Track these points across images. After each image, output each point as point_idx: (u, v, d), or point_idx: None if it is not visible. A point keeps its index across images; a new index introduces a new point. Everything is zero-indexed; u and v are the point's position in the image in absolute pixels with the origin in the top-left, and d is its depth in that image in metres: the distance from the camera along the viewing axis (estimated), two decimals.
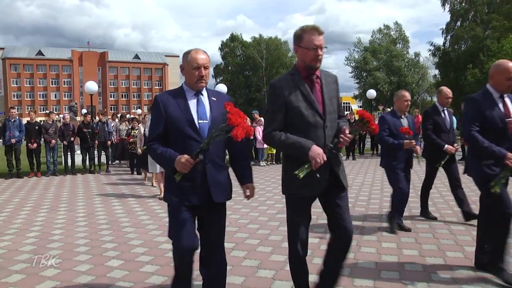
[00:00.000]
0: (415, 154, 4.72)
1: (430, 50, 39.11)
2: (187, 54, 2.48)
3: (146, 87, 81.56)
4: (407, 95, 4.78)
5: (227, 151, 2.64)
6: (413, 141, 4.53)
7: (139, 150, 8.46)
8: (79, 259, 4.01)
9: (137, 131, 9.10)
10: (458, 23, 36.55)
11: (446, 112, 5.11)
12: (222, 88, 15.37)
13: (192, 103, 2.46)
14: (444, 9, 37.25)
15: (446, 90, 5.15)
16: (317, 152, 2.33)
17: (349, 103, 56.04)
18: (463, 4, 36.06)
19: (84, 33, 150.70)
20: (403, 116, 4.73)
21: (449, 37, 37.22)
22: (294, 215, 2.61)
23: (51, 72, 75.67)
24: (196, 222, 2.55)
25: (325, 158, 2.34)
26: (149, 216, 5.84)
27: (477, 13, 34.77)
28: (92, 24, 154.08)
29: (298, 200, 2.56)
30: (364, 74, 51.20)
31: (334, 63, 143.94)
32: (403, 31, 53.15)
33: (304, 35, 2.40)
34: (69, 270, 3.70)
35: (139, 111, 25.86)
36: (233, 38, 61.74)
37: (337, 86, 2.62)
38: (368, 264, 3.72)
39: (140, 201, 7.03)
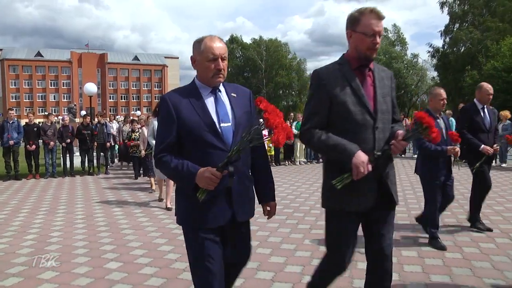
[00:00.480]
0: (453, 158, 4.26)
1: (429, 52, 39.26)
2: (199, 42, 2.01)
3: (145, 88, 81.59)
4: (443, 93, 4.25)
5: None
6: (457, 147, 4.07)
7: (143, 152, 8.17)
8: (77, 261, 3.99)
9: (139, 133, 8.96)
10: (457, 25, 36.65)
11: (486, 110, 4.66)
12: None
13: (210, 103, 2.02)
14: (443, 11, 37.40)
15: (487, 86, 4.66)
16: (362, 160, 1.97)
17: None
18: (462, 6, 36.16)
19: (83, 34, 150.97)
20: (439, 116, 4.25)
21: (447, 39, 37.32)
22: (336, 233, 2.21)
23: (50, 74, 75.66)
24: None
25: (370, 169, 2.00)
26: (148, 218, 5.82)
27: (475, 16, 34.87)
28: (91, 26, 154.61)
29: (341, 215, 2.16)
30: None
31: None
32: (402, 33, 53.34)
33: (362, 18, 2.06)
34: (68, 273, 3.68)
35: (138, 112, 25.88)
36: (233, 39, 61.72)
37: (392, 84, 2.26)
38: None
39: (139, 203, 7.01)
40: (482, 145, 4.49)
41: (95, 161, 11.25)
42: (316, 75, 2.16)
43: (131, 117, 13.63)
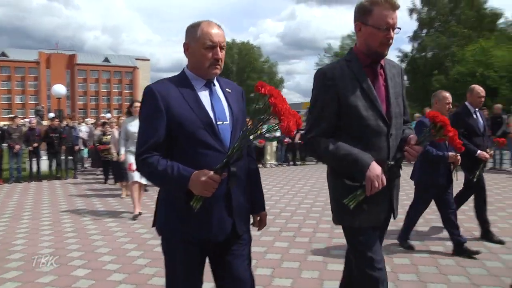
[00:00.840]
0: (452, 166, 4.03)
1: (398, 57, 40.32)
2: (195, 27, 1.74)
3: (116, 90, 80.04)
4: (449, 96, 4.06)
5: None
6: (458, 154, 3.88)
7: (115, 156, 7.56)
8: (42, 270, 3.84)
9: (110, 136, 8.72)
10: (425, 31, 37.85)
11: (478, 113, 4.53)
12: None
13: (204, 97, 1.75)
14: (412, 17, 38.55)
15: (478, 89, 4.49)
16: (376, 174, 1.76)
17: None
18: (430, 12, 37.38)
19: (52, 34, 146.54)
20: None
21: (416, 44, 38.48)
22: (360, 249, 1.95)
23: (16, 75, 72.99)
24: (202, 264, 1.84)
25: (385, 182, 1.79)
26: (117, 223, 5.69)
27: (441, 22, 36.17)
28: (61, 25, 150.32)
29: (359, 230, 1.93)
30: None
31: (305, 68, 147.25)
32: None
33: (374, 9, 1.80)
34: (31, 283, 3.53)
35: (108, 115, 25.16)
36: None
37: (402, 81, 2.03)
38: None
39: (108, 208, 6.84)
40: (478, 151, 4.31)
41: (63, 165, 10.91)
42: (322, 74, 1.90)
43: (102, 120, 13.31)
